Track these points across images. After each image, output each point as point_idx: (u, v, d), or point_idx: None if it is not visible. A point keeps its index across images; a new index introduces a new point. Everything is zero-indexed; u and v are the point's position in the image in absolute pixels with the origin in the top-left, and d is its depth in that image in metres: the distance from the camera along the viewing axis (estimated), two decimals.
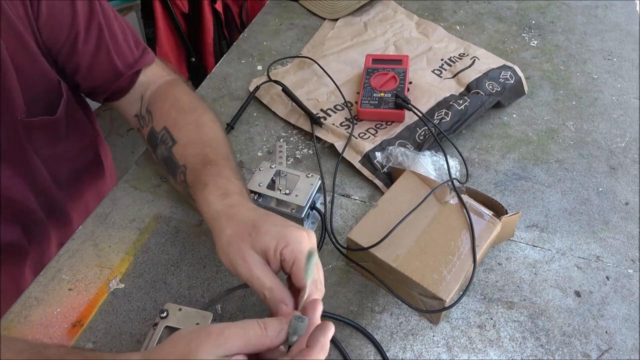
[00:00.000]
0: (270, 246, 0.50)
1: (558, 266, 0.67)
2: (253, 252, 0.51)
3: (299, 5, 1.15)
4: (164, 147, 0.68)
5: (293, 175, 0.71)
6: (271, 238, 0.51)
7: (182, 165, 0.64)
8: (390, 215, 0.65)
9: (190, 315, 0.56)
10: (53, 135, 0.74)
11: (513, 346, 0.60)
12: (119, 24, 0.72)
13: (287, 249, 0.50)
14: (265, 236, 0.51)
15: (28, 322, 0.62)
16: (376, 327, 0.61)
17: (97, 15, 0.68)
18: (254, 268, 0.50)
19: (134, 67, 0.74)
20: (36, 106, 0.68)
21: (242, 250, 0.51)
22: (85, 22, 0.67)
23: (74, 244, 0.70)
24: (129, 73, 0.73)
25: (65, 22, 0.66)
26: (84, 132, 0.83)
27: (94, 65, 0.71)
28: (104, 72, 0.72)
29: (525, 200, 0.75)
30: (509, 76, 0.91)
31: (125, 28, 0.73)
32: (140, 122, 0.75)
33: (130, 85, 0.75)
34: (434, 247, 0.62)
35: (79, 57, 0.69)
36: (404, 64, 0.90)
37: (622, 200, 0.75)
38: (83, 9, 0.66)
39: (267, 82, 0.92)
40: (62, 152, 0.78)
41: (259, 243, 0.51)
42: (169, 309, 0.56)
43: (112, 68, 0.72)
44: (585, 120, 0.88)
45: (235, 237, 0.52)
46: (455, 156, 0.78)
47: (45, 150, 0.75)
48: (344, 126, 0.84)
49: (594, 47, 1.03)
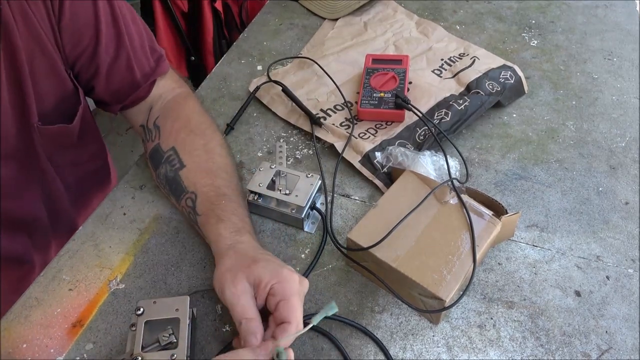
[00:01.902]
0: (263, 279, 0.54)
1: (558, 266, 0.67)
2: (246, 282, 0.54)
3: (299, 5, 1.15)
4: (170, 167, 0.69)
5: (293, 176, 0.71)
6: (266, 272, 0.54)
7: (192, 192, 0.66)
8: (390, 215, 0.65)
9: (167, 303, 0.56)
10: (66, 142, 0.74)
11: (513, 346, 0.60)
12: (137, 27, 0.71)
13: (278, 285, 0.53)
14: (261, 269, 0.54)
15: (28, 322, 0.62)
16: (376, 327, 0.61)
17: (118, 18, 0.67)
18: (241, 296, 0.53)
19: (150, 76, 0.73)
20: (53, 114, 0.67)
21: (236, 277, 0.54)
22: (106, 25, 0.66)
23: (74, 244, 0.70)
24: (147, 83, 0.73)
25: (88, 24, 0.64)
26: (94, 138, 0.83)
27: (113, 71, 0.70)
28: (122, 78, 0.71)
29: (525, 200, 0.75)
30: (509, 76, 0.91)
31: (142, 32, 0.72)
32: (146, 135, 0.74)
33: (146, 95, 0.74)
34: (434, 247, 0.62)
35: (100, 61, 0.68)
36: (404, 64, 0.90)
37: (622, 200, 0.75)
38: (105, 11, 0.65)
39: (267, 82, 0.92)
40: (74, 159, 0.78)
41: (254, 274, 0.54)
42: (143, 305, 0.56)
43: (130, 74, 0.71)
44: (585, 120, 0.88)
45: (235, 266, 0.56)
46: (455, 156, 0.78)
47: (58, 157, 0.74)
48: (344, 126, 0.84)
49: (594, 47, 1.03)
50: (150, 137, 0.73)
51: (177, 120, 0.72)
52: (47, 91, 0.65)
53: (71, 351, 0.60)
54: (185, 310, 0.56)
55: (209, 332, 0.61)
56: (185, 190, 0.67)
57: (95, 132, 0.82)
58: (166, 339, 0.54)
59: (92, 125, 0.80)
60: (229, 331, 0.61)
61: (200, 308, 0.63)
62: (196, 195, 0.65)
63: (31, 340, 0.60)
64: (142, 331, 0.54)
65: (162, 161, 0.69)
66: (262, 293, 0.54)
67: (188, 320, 0.55)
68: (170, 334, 0.54)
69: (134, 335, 0.54)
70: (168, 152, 0.69)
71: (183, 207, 0.67)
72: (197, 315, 0.62)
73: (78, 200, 0.84)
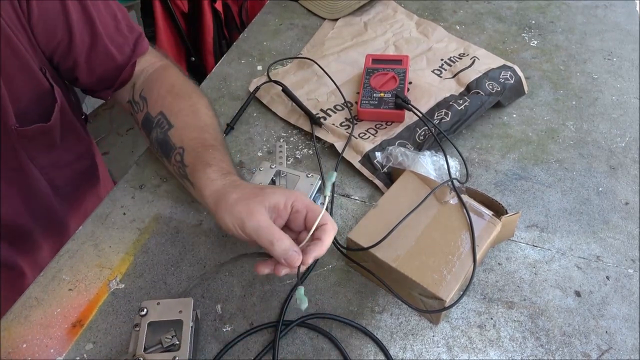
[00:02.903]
0: (280, 201, 0.55)
1: (558, 266, 0.67)
2: (262, 208, 0.55)
3: (299, 5, 1.15)
4: (160, 130, 0.69)
5: (293, 175, 0.71)
6: (280, 195, 0.56)
7: (179, 147, 0.66)
8: (390, 215, 0.65)
9: (171, 305, 0.56)
10: (48, 142, 0.74)
11: (513, 346, 0.60)
12: (110, 10, 0.71)
13: (298, 202, 0.55)
14: (274, 194, 0.56)
15: (28, 322, 0.62)
16: (376, 327, 0.61)
17: (87, 6, 0.67)
18: (263, 221, 0.54)
19: (131, 57, 0.74)
20: (29, 114, 0.68)
21: (250, 206, 0.55)
22: (77, 14, 0.67)
23: (74, 244, 0.70)
24: (129, 64, 0.74)
25: (58, 17, 0.65)
26: (79, 137, 0.83)
27: (91, 58, 0.71)
28: (103, 64, 0.72)
29: (525, 200, 0.75)
30: (509, 76, 0.91)
31: (116, 13, 0.73)
32: (134, 108, 0.75)
33: (130, 76, 0.75)
34: (434, 247, 0.62)
35: (77, 51, 0.69)
36: (404, 64, 0.90)
37: (622, 200, 0.75)
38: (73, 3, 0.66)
39: (267, 82, 0.92)
40: (59, 159, 0.78)
41: (268, 200, 0.55)
42: (147, 306, 0.56)
43: (110, 59, 0.72)
44: (585, 120, 0.88)
45: (242, 198, 0.56)
46: (455, 156, 0.78)
47: (43, 158, 0.74)
48: (344, 126, 0.84)
49: (594, 47, 1.03)
50: (139, 109, 0.74)
51: (162, 87, 0.73)
52: (22, 91, 0.66)
53: (71, 351, 0.60)
54: (189, 313, 0.56)
55: (209, 332, 0.61)
56: (174, 147, 0.67)
57: (80, 132, 0.83)
58: (169, 340, 0.54)
59: (75, 126, 0.81)
60: (229, 331, 0.61)
61: (200, 308, 0.63)
62: (184, 149, 0.66)
63: (31, 340, 0.60)
64: (145, 332, 0.54)
65: (153, 126, 0.70)
66: (283, 214, 0.56)
67: (191, 322, 0.55)
68: (172, 336, 0.54)
69: (137, 336, 0.54)
70: (157, 117, 0.70)
71: (173, 165, 0.68)
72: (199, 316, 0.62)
73: (67, 200, 0.84)
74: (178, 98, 0.71)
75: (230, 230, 0.56)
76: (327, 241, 0.54)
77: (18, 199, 0.73)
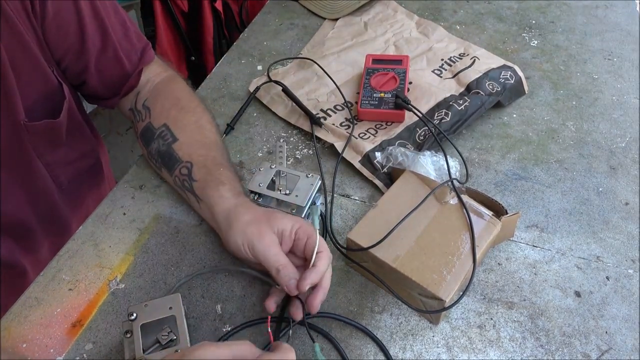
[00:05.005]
0: (287, 227, 0.59)
1: (558, 266, 0.67)
2: (271, 232, 0.59)
3: (299, 5, 1.15)
4: (162, 142, 0.71)
5: (293, 176, 0.71)
6: (288, 221, 0.60)
7: (187, 162, 0.69)
8: (390, 216, 0.65)
9: (159, 304, 0.56)
10: (55, 139, 0.74)
11: (513, 346, 0.60)
12: (119, 18, 0.72)
13: (301, 230, 0.59)
14: (282, 219, 0.60)
15: (28, 322, 0.62)
16: (376, 327, 0.61)
17: (100, 11, 0.68)
18: (272, 246, 0.58)
19: (138, 65, 0.75)
20: (38, 110, 0.68)
21: (260, 229, 0.59)
22: (90, 20, 0.67)
23: (74, 244, 0.70)
24: (136, 71, 0.75)
25: (72, 21, 0.66)
26: (84, 135, 0.83)
27: (102, 63, 0.72)
28: (112, 69, 0.73)
29: (525, 200, 0.75)
30: (509, 76, 0.91)
31: (125, 21, 0.74)
32: (136, 117, 0.76)
33: (137, 84, 0.77)
34: (434, 247, 0.62)
35: (88, 55, 0.70)
36: (404, 64, 0.90)
37: (622, 200, 0.75)
38: (86, 6, 0.67)
39: (267, 82, 0.92)
40: (64, 157, 0.78)
41: (277, 225, 0.59)
42: (135, 310, 0.56)
43: (119, 65, 0.73)
44: (585, 120, 0.88)
45: (254, 220, 0.60)
46: (455, 156, 0.78)
47: (49, 155, 0.74)
48: (344, 126, 0.84)
49: (594, 47, 1.03)
50: (141, 118, 0.75)
51: (167, 100, 0.75)
52: (31, 87, 0.66)
53: (71, 351, 0.60)
54: (180, 307, 0.56)
55: (209, 332, 0.61)
56: (180, 160, 0.69)
57: (86, 130, 0.83)
58: (166, 337, 0.54)
59: (81, 124, 0.81)
60: (229, 331, 0.61)
61: (200, 308, 0.63)
62: (192, 164, 0.68)
63: (31, 340, 0.60)
64: (140, 335, 0.54)
65: (154, 137, 0.72)
66: (288, 241, 0.59)
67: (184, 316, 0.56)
68: (169, 332, 0.55)
69: (130, 342, 0.54)
70: (160, 128, 0.72)
71: (176, 176, 0.69)
72: (197, 315, 0.62)
73: (71, 199, 0.84)
74: (183, 112, 0.73)
75: (239, 249, 0.59)
76: (322, 268, 0.57)
77: (22, 195, 0.74)
